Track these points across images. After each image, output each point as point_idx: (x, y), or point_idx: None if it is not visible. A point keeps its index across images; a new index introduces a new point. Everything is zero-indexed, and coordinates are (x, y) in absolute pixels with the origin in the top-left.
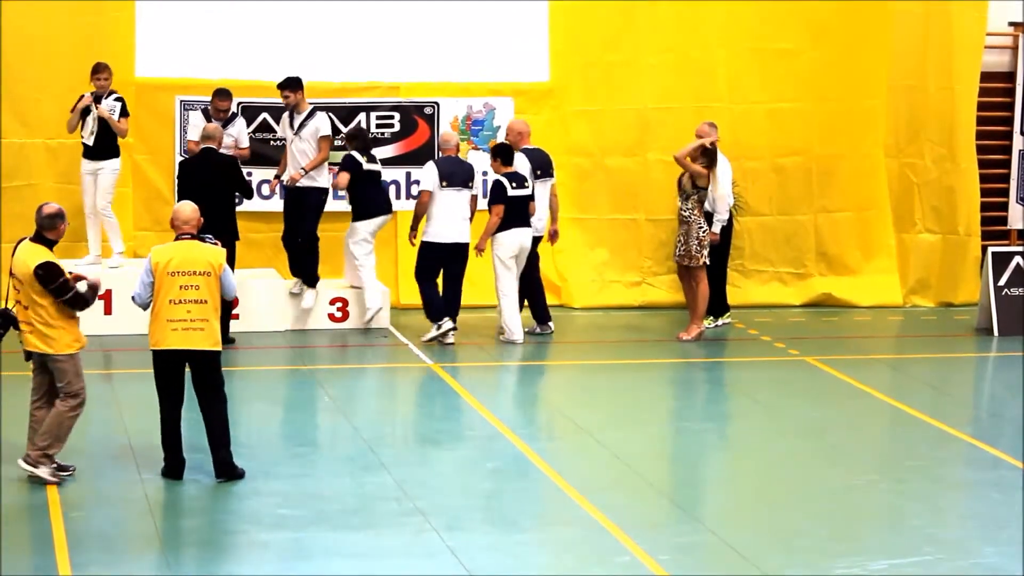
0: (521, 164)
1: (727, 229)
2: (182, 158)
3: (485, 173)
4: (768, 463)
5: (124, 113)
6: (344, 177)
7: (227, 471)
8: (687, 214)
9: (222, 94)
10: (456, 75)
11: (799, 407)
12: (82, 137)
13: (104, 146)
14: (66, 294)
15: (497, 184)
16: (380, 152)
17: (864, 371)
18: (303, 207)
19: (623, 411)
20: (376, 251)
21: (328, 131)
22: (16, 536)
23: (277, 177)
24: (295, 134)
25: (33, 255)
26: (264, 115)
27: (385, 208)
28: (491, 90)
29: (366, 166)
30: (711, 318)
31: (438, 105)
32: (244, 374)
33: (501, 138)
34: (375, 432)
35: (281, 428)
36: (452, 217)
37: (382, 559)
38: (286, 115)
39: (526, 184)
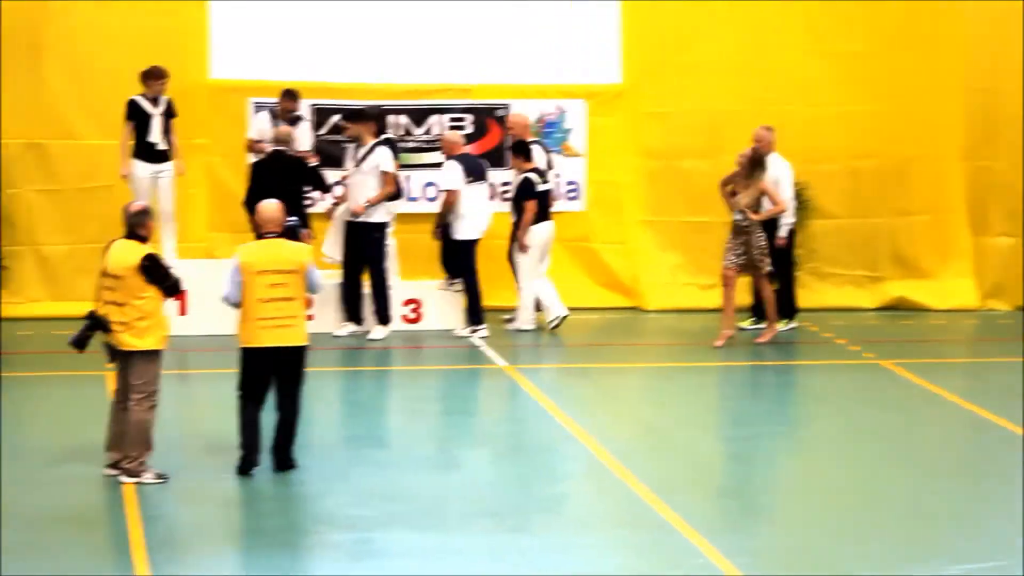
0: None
1: (791, 232)
2: (253, 159)
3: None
4: (842, 466)
5: (173, 113)
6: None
7: (287, 464)
8: (747, 224)
9: (289, 95)
10: (528, 77)
11: (873, 411)
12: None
13: (169, 150)
14: (169, 280)
15: (527, 181)
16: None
17: (940, 375)
18: (362, 244)
19: (696, 413)
20: None
21: (389, 167)
22: (94, 536)
23: (335, 205)
24: (355, 166)
25: (133, 251)
26: (336, 117)
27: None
28: (563, 92)
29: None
30: (785, 320)
31: (510, 107)
32: (318, 374)
33: (574, 140)
34: (447, 433)
35: (354, 429)
36: (479, 211)
37: (453, 559)
38: (352, 146)
39: (547, 179)
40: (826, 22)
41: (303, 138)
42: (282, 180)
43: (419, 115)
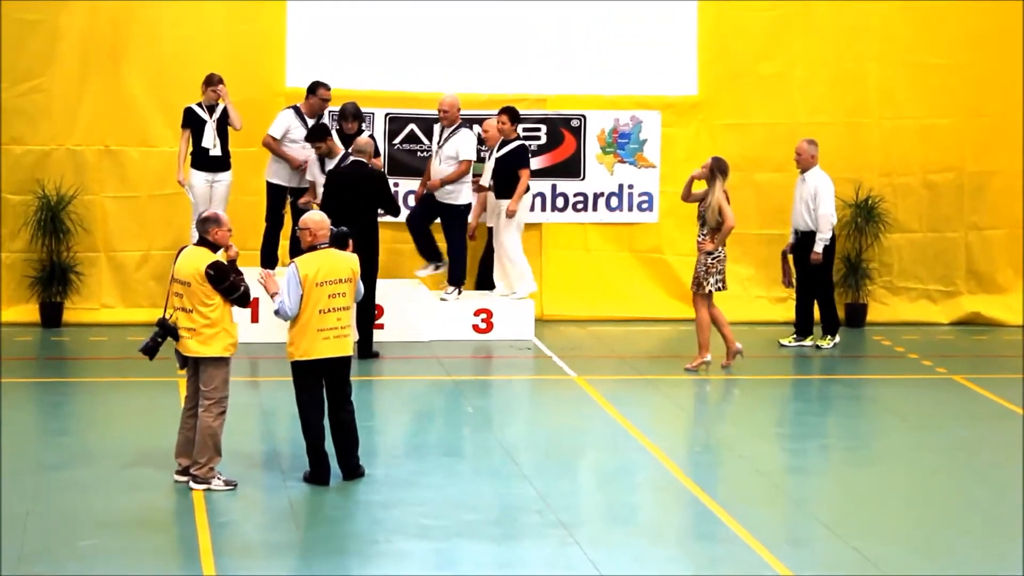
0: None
1: (830, 248)
2: (331, 168)
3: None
4: (913, 481)
5: (229, 122)
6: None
7: (356, 472)
8: (699, 241)
9: (323, 86)
10: (603, 87)
11: (946, 425)
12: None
13: (225, 158)
14: (236, 292)
15: (523, 148)
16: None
17: (1013, 391)
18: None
19: (767, 426)
20: None
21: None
22: (163, 540)
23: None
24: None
25: (201, 258)
26: (411, 126)
27: None
28: (638, 103)
29: None
30: (828, 337)
31: (585, 118)
32: (388, 383)
33: (648, 151)
34: (518, 443)
35: (425, 438)
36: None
37: (524, 570)
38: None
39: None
40: (905, 33)
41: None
42: (360, 192)
43: None
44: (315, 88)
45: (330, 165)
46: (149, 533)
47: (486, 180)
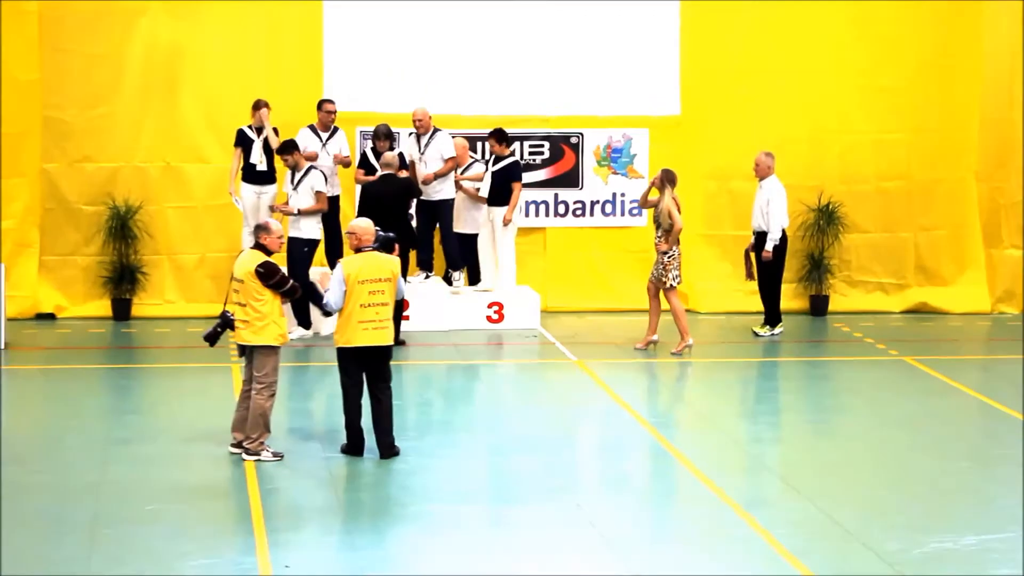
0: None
1: (780, 248)
2: (363, 183)
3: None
4: (870, 451)
5: (272, 141)
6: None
7: (391, 451)
8: (656, 241)
9: (329, 103)
10: (599, 109)
11: (898, 401)
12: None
13: (270, 173)
14: (284, 286)
15: (517, 164)
16: (531, 176)
17: (956, 370)
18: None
19: (743, 402)
20: (528, 262)
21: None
22: (219, 506)
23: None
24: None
25: (253, 259)
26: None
27: None
28: (629, 122)
29: None
30: (768, 327)
31: (583, 136)
32: (413, 367)
33: (638, 164)
34: (526, 418)
35: (443, 415)
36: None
37: (530, 529)
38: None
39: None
40: (860, 60)
41: (343, 147)
42: (392, 199)
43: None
44: (321, 105)
45: (309, 172)
46: (207, 499)
47: (484, 191)
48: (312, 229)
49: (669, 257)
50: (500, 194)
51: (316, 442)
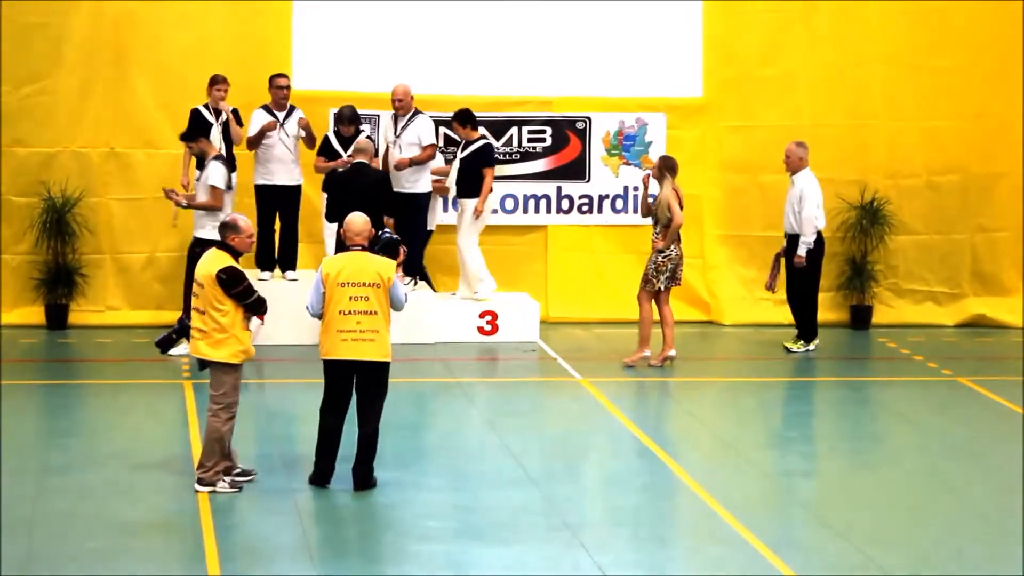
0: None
1: (816, 252)
2: (336, 171)
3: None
4: (918, 483)
5: (239, 122)
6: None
7: (367, 483)
8: (653, 239)
9: (282, 76)
10: (608, 90)
11: (950, 427)
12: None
13: (230, 160)
14: (248, 298)
15: (488, 147)
16: (530, 166)
17: (1017, 392)
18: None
19: (772, 429)
20: (525, 266)
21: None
22: (169, 543)
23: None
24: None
25: (216, 261)
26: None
27: None
28: (643, 105)
29: None
30: (802, 342)
31: (590, 120)
32: (393, 386)
33: (654, 153)
34: (523, 446)
35: (430, 440)
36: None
37: (529, 573)
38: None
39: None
40: (908, 35)
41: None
42: (365, 192)
43: (500, 127)
44: (272, 80)
45: (209, 162)
46: (155, 535)
47: (451, 182)
48: (208, 229)
49: (664, 257)
50: (471, 184)
51: (280, 470)
